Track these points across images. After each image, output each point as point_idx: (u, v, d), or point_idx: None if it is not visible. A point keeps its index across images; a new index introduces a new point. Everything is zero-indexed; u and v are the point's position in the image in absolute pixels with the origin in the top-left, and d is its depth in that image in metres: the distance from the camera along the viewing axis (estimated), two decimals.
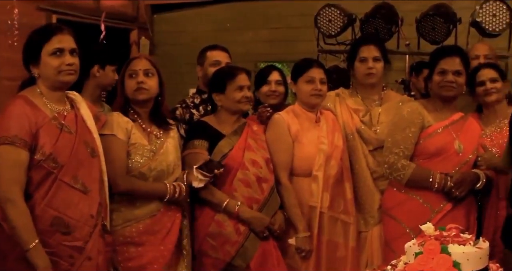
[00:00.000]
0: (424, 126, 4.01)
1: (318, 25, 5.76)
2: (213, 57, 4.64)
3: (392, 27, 5.56)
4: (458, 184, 3.92)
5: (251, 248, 3.94)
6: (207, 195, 3.91)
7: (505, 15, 5.36)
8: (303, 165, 4.14)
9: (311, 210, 4.10)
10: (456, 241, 2.82)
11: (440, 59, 4.07)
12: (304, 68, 4.20)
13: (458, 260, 2.72)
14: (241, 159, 4.00)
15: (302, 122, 4.20)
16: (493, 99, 4.24)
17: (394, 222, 4.05)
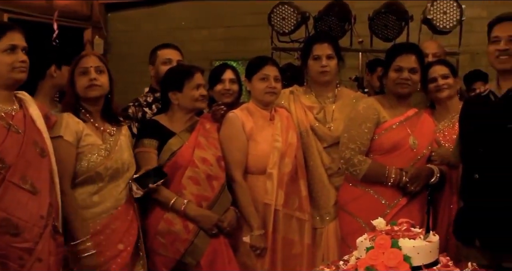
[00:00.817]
0: (380, 122, 4.05)
1: (272, 23, 5.76)
2: (164, 56, 4.65)
3: (345, 25, 5.58)
4: (413, 179, 3.97)
5: (201, 245, 3.94)
6: (154, 193, 3.89)
7: (455, 13, 5.42)
8: (258, 162, 4.15)
9: (266, 207, 4.11)
10: (407, 235, 2.84)
11: (396, 57, 4.10)
12: (258, 66, 4.22)
13: (408, 254, 2.74)
14: (191, 156, 3.99)
15: (256, 120, 4.21)
16: (444, 95, 4.29)
17: (350, 217, 4.09)
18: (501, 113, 3.55)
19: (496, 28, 3.61)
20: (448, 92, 4.29)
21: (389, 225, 3.00)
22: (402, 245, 2.77)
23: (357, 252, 2.94)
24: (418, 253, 2.76)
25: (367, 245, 2.84)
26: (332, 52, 4.39)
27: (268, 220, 4.11)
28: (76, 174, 3.64)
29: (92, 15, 8.16)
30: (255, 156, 4.15)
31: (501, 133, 3.52)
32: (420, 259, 2.76)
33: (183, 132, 4.06)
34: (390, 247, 2.76)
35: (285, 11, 5.71)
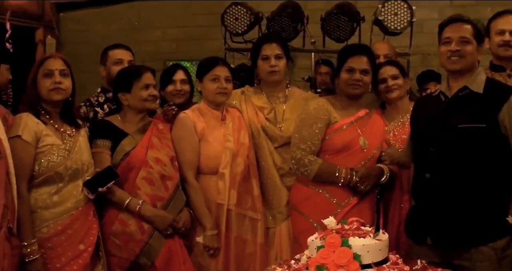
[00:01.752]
0: (331, 122, 4.07)
1: (225, 24, 5.76)
2: (115, 56, 4.63)
3: (298, 26, 5.60)
4: (363, 179, 4.00)
5: (156, 246, 3.93)
6: (108, 194, 3.87)
7: (406, 14, 5.47)
8: (210, 163, 4.14)
9: (219, 207, 4.11)
10: (357, 234, 2.88)
11: (348, 58, 4.13)
12: (209, 67, 4.22)
13: (358, 252, 2.79)
14: (144, 157, 3.98)
15: (208, 120, 4.20)
16: (394, 96, 4.33)
17: (302, 217, 4.10)
18: (451, 114, 3.61)
19: (448, 29, 3.66)
20: (398, 92, 4.33)
21: (339, 224, 3.03)
22: (352, 243, 2.81)
23: (308, 251, 2.97)
24: (368, 252, 2.81)
25: (318, 244, 2.87)
26: (281, 52, 4.41)
27: (221, 220, 4.11)
28: (36, 174, 3.62)
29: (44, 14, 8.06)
30: (207, 156, 4.15)
31: (451, 133, 3.56)
32: (370, 257, 2.81)
33: (136, 132, 4.05)
34: (340, 245, 2.80)
35: (238, 12, 5.71)
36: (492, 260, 3.51)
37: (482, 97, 3.57)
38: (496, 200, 3.54)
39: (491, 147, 3.52)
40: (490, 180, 3.53)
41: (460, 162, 3.54)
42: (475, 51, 3.61)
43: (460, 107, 3.59)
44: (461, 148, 3.54)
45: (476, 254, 3.52)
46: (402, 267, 2.89)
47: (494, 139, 3.52)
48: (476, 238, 3.52)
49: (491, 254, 3.51)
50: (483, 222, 3.52)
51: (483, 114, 3.52)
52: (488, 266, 3.51)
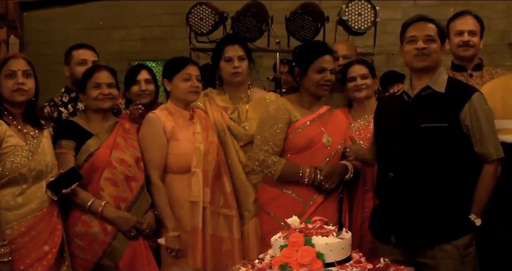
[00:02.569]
0: (292, 121, 4.06)
1: (190, 23, 5.73)
2: (79, 56, 4.61)
3: (262, 26, 5.59)
4: (328, 177, 3.99)
5: (120, 247, 3.91)
6: (71, 195, 3.85)
7: (370, 14, 5.50)
8: (181, 162, 4.13)
9: (193, 205, 4.09)
10: (320, 233, 2.89)
11: (318, 58, 4.07)
12: (180, 66, 4.20)
13: (321, 251, 2.80)
14: (108, 157, 3.96)
15: (176, 120, 4.19)
16: (362, 95, 4.37)
17: (269, 217, 4.09)
18: (414, 113, 3.65)
19: (412, 28, 3.70)
20: (366, 92, 4.37)
21: (303, 223, 3.04)
22: (315, 242, 2.82)
23: (272, 251, 2.97)
24: (331, 250, 2.82)
25: (281, 243, 2.87)
26: (243, 53, 4.44)
27: (196, 218, 4.09)
28: (0, 176, 3.59)
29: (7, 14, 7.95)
30: (177, 155, 4.14)
31: (414, 132, 3.61)
32: (333, 255, 2.82)
33: (102, 133, 4.04)
34: (303, 244, 2.80)
35: (203, 12, 5.70)
36: (455, 257, 3.56)
37: (444, 97, 3.62)
38: (459, 198, 3.59)
39: (453, 146, 3.57)
40: (453, 179, 3.58)
41: (423, 161, 3.58)
42: (439, 50, 3.67)
43: (422, 107, 3.64)
44: (423, 147, 3.58)
45: (439, 252, 3.57)
46: (365, 265, 2.90)
47: (456, 138, 3.57)
48: (439, 236, 3.57)
49: (454, 251, 3.56)
50: (446, 220, 3.56)
51: (445, 114, 3.57)
52: (451, 263, 3.56)
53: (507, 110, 3.95)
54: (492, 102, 3.92)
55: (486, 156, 3.58)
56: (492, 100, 3.93)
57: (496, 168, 3.61)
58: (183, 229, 4.09)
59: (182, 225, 4.10)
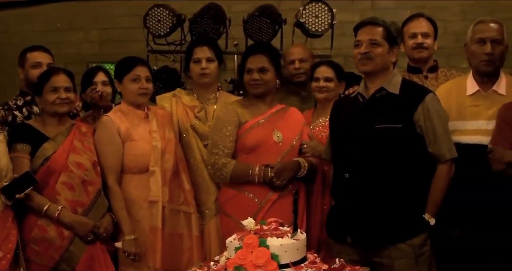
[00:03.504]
0: (241, 123, 4.07)
1: (147, 26, 5.73)
2: (33, 59, 4.55)
3: (220, 28, 5.62)
4: (278, 174, 3.97)
5: (77, 252, 3.87)
6: (26, 200, 3.79)
7: (327, 16, 5.55)
8: (139, 162, 4.09)
9: (152, 205, 4.05)
10: (275, 234, 2.90)
11: (247, 58, 4.15)
12: (129, 67, 4.16)
13: (276, 252, 2.81)
14: (65, 161, 3.91)
15: (131, 120, 4.15)
16: (321, 97, 4.41)
17: (227, 218, 4.09)
18: (369, 114, 3.68)
19: (359, 32, 3.76)
20: (326, 95, 4.40)
21: (258, 224, 3.05)
22: (270, 244, 2.83)
23: (227, 252, 2.98)
24: (285, 251, 2.83)
25: (236, 245, 2.88)
26: (212, 55, 4.45)
27: (156, 218, 4.05)
28: None
29: None
30: (135, 155, 4.09)
31: (369, 133, 3.64)
32: (288, 257, 2.84)
33: (58, 136, 3.99)
34: (258, 246, 2.81)
35: (161, 14, 5.70)
36: (410, 257, 3.60)
37: (398, 98, 3.65)
38: (413, 198, 3.62)
39: (407, 146, 3.61)
40: (407, 179, 3.61)
41: (378, 162, 3.61)
42: (386, 53, 3.70)
43: (377, 108, 3.67)
44: (378, 148, 3.61)
45: (394, 252, 3.60)
46: (320, 266, 2.92)
47: (410, 138, 3.61)
48: (394, 236, 3.60)
49: (408, 251, 3.59)
50: (400, 220, 3.60)
51: (399, 115, 3.60)
52: (406, 263, 3.59)
53: (462, 111, 4.01)
54: (447, 104, 3.98)
55: (440, 156, 3.63)
56: (447, 101, 3.99)
57: (450, 168, 3.66)
58: (142, 229, 4.05)
59: (141, 226, 4.06)
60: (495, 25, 3.98)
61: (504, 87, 4.00)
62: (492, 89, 3.99)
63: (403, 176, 3.60)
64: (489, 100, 3.97)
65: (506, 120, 3.79)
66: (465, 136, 3.96)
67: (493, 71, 3.97)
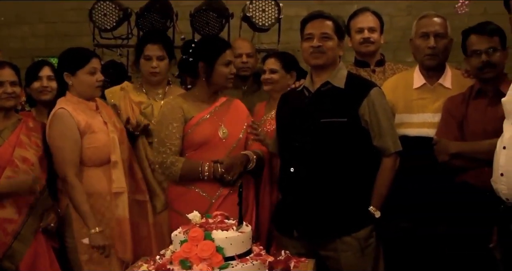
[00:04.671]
0: (187, 119, 3.98)
1: (93, 19, 5.67)
2: None
3: (167, 22, 5.59)
4: (228, 169, 3.91)
5: (20, 249, 3.83)
6: None
7: (273, 11, 5.56)
8: (101, 153, 4.00)
9: (117, 196, 3.99)
10: (220, 227, 2.90)
11: (223, 52, 4.01)
12: (85, 60, 4.05)
13: (221, 245, 2.81)
14: (10, 156, 3.85)
15: (85, 112, 4.03)
16: (267, 89, 4.42)
17: (177, 215, 3.98)
18: (314, 108, 3.70)
19: (309, 26, 3.76)
20: (271, 87, 4.39)
21: (204, 218, 3.04)
22: (215, 236, 2.83)
23: (173, 246, 2.97)
24: (231, 244, 2.83)
25: (181, 239, 2.88)
26: (162, 53, 4.43)
27: (123, 208, 4.00)
28: None
29: None
30: (96, 148, 3.99)
31: (314, 127, 3.65)
32: (233, 249, 2.84)
33: (5, 131, 3.93)
34: (203, 239, 2.81)
35: (107, 8, 5.64)
36: (356, 249, 3.63)
37: (344, 92, 3.68)
38: (359, 191, 3.66)
39: (352, 140, 3.64)
40: (353, 172, 3.64)
41: (323, 156, 3.63)
42: (336, 47, 3.72)
43: (322, 102, 3.69)
44: (323, 141, 3.63)
45: (340, 245, 3.63)
46: (265, 258, 2.93)
47: (355, 132, 3.64)
48: (340, 229, 3.63)
49: (354, 243, 3.63)
50: (346, 213, 3.63)
51: (345, 109, 3.63)
52: (351, 255, 3.63)
53: (408, 105, 4.07)
54: (394, 97, 4.04)
55: (385, 150, 3.66)
56: (393, 95, 4.04)
57: (395, 161, 3.70)
58: (107, 222, 3.99)
59: (106, 218, 3.99)
60: (438, 19, 4.06)
61: (449, 80, 4.08)
62: (438, 82, 4.06)
63: (348, 169, 3.63)
64: (435, 93, 4.05)
65: (451, 113, 3.86)
66: (412, 128, 4.03)
67: (437, 65, 4.04)
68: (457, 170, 3.77)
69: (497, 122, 3.48)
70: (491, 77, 3.73)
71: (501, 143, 3.23)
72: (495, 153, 3.27)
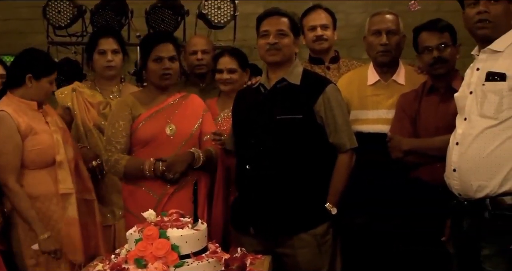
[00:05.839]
0: (135, 116, 3.95)
1: (47, 17, 5.61)
2: None
3: (122, 19, 5.56)
4: (169, 167, 3.85)
5: None
6: None
7: (229, 8, 5.56)
8: (45, 155, 3.92)
9: (65, 197, 3.94)
10: (175, 225, 2.90)
11: (154, 47, 3.95)
12: (51, 70, 4.00)
13: (176, 243, 2.82)
14: None
15: (27, 113, 3.94)
16: (227, 89, 4.38)
17: (129, 214, 3.99)
18: (270, 105, 3.70)
19: (265, 23, 3.76)
20: (232, 86, 4.36)
21: (159, 216, 3.03)
22: (170, 235, 2.83)
23: (128, 245, 2.96)
24: (186, 242, 2.84)
25: (136, 237, 2.87)
26: (117, 47, 4.41)
27: (72, 209, 3.94)
28: None
29: None
30: (40, 150, 3.91)
31: (270, 124, 3.66)
32: (188, 247, 2.85)
33: None
34: (158, 237, 2.80)
35: (61, 5, 5.59)
36: (312, 246, 3.64)
37: (299, 88, 3.68)
38: (315, 188, 3.66)
39: (308, 137, 3.64)
40: (309, 169, 3.65)
41: (279, 152, 3.63)
42: (292, 44, 3.73)
43: (278, 99, 3.69)
44: (279, 138, 3.63)
45: (297, 241, 3.63)
46: (221, 255, 2.94)
47: (311, 129, 3.65)
48: (296, 226, 3.63)
49: (311, 240, 3.63)
50: (302, 210, 3.63)
51: (300, 105, 3.63)
52: (308, 252, 3.64)
53: (363, 101, 4.11)
54: (349, 94, 4.07)
55: (340, 146, 3.68)
56: (348, 91, 4.07)
57: (350, 158, 3.72)
58: (54, 224, 3.92)
59: (53, 221, 3.93)
60: (390, 16, 4.12)
61: (403, 77, 4.13)
62: (391, 79, 4.12)
63: (304, 166, 3.63)
64: (389, 90, 4.10)
65: (404, 110, 3.91)
66: (367, 125, 4.07)
67: (390, 61, 4.09)
68: (410, 166, 3.81)
69: (449, 119, 3.53)
70: (442, 73, 3.79)
71: (453, 138, 3.26)
72: (448, 148, 3.30)
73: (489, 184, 3.08)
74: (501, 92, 3.07)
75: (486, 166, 3.08)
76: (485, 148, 3.08)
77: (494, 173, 3.07)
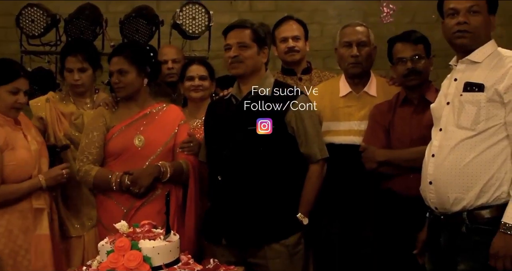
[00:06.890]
0: (109, 128, 3.96)
1: (21, 25, 5.58)
2: None
3: (96, 28, 5.54)
4: (135, 181, 3.83)
5: None
6: None
7: (204, 18, 5.56)
8: (21, 171, 3.88)
9: (38, 213, 3.90)
10: (147, 237, 2.90)
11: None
12: (10, 78, 3.90)
13: (148, 254, 2.82)
14: None
15: (4, 126, 3.89)
16: (199, 96, 4.38)
17: (100, 225, 3.99)
18: (241, 116, 3.71)
19: (228, 36, 3.79)
20: (202, 94, 4.38)
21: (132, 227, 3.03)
22: (142, 246, 2.84)
23: (100, 256, 2.95)
24: (158, 253, 2.84)
25: (108, 249, 2.86)
26: (83, 65, 4.32)
27: (44, 225, 3.91)
28: None
29: None
30: (17, 165, 3.86)
31: (241, 135, 3.68)
32: (161, 258, 2.85)
33: None
34: (130, 249, 2.80)
35: (34, 13, 5.56)
36: (284, 256, 3.65)
37: (270, 99, 3.68)
38: (286, 198, 3.68)
39: (279, 147, 3.66)
40: (280, 180, 3.66)
41: (250, 163, 3.65)
42: (256, 54, 3.74)
43: (249, 110, 3.68)
44: (250, 149, 3.65)
45: (269, 252, 3.64)
46: (193, 267, 2.95)
47: (282, 140, 3.66)
48: (268, 236, 3.64)
49: (283, 250, 3.64)
50: (274, 220, 3.64)
51: (271, 116, 3.64)
52: (280, 262, 3.64)
53: (335, 112, 4.14)
54: (321, 105, 4.09)
55: (311, 156, 3.70)
56: (320, 103, 4.09)
57: (322, 168, 3.74)
58: (26, 239, 3.87)
59: (27, 236, 3.87)
60: (360, 28, 4.16)
61: (374, 88, 4.17)
62: (363, 90, 4.15)
63: (275, 176, 3.65)
64: (361, 101, 4.13)
65: (377, 121, 3.94)
66: (339, 136, 4.10)
67: (361, 73, 4.13)
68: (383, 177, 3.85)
69: (422, 130, 3.57)
70: (416, 85, 3.82)
71: (429, 150, 3.25)
72: (423, 161, 3.30)
73: (465, 196, 3.07)
74: (479, 103, 3.08)
75: (462, 178, 3.08)
76: (462, 160, 3.09)
77: (471, 184, 3.06)
